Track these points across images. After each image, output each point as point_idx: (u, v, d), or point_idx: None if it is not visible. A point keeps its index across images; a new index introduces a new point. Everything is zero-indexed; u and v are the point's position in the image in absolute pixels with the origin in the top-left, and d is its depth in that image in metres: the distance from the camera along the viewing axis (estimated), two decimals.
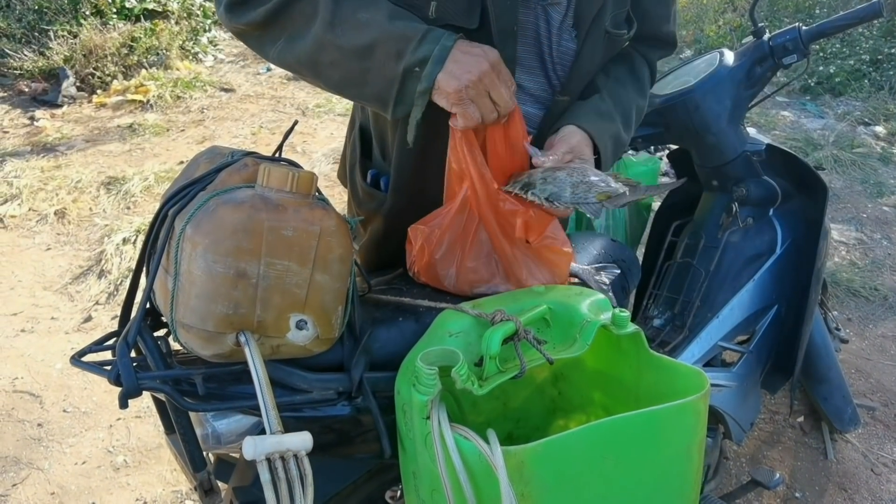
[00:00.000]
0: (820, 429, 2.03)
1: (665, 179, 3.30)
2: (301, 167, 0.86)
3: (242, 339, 0.74)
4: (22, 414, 2.03)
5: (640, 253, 1.93)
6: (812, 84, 5.00)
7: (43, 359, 2.25)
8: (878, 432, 2.06)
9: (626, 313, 0.86)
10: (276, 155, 0.90)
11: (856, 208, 3.44)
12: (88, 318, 2.46)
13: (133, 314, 0.83)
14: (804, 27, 1.42)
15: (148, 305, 0.81)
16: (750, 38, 1.50)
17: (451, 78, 0.79)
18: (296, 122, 1.00)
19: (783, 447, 1.99)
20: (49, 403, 2.08)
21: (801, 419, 2.08)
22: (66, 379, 2.16)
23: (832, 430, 1.98)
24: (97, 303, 2.55)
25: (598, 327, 0.83)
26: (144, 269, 0.85)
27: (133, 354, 0.78)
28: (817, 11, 6.02)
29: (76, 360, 0.82)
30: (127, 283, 2.62)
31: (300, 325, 0.78)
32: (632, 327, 0.86)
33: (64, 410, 2.06)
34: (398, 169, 1.06)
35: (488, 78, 0.80)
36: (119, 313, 0.88)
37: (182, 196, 0.80)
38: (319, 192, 0.83)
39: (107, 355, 0.83)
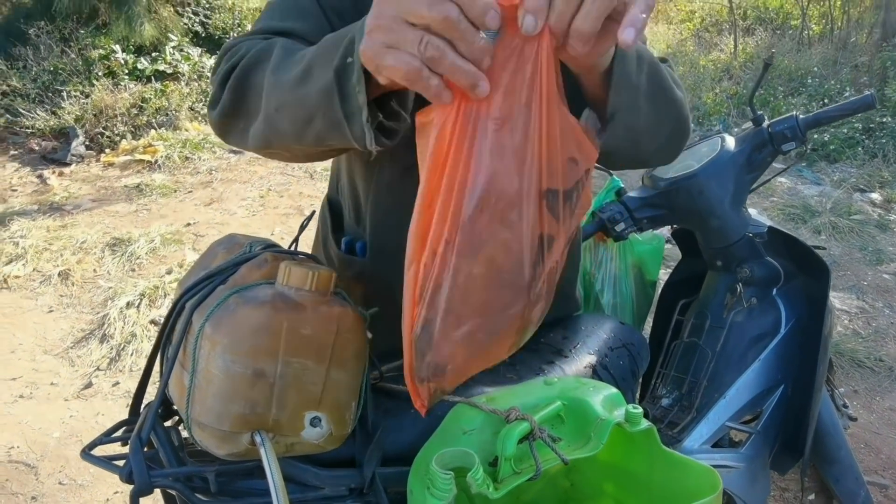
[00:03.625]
0: None
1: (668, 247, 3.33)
2: (322, 263, 0.87)
3: (258, 439, 0.74)
4: (16, 486, 1.99)
5: (647, 328, 1.93)
6: (808, 151, 5.11)
7: (40, 427, 2.22)
8: None
9: (640, 409, 0.86)
10: (293, 247, 0.92)
11: (856, 276, 3.46)
12: (89, 385, 2.43)
13: (143, 406, 0.84)
14: (801, 116, 1.48)
15: None
16: (749, 125, 1.55)
17: (365, 36, 0.59)
18: (313, 213, 1.02)
19: None
20: (45, 475, 2.03)
21: (811, 497, 2.04)
22: (63, 449, 2.12)
23: None
24: (98, 368, 2.53)
25: (612, 426, 0.83)
26: (158, 359, 0.86)
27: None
28: (809, 81, 6.21)
29: (86, 454, 0.81)
30: (129, 347, 2.62)
31: (314, 423, 0.78)
32: (645, 424, 0.86)
33: (60, 482, 2.01)
34: (375, 228, 1.05)
35: (400, 6, 0.55)
36: (129, 394, 0.88)
37: (200, 288, 0.82)
38: (337, 287, 0.85)
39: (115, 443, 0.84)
